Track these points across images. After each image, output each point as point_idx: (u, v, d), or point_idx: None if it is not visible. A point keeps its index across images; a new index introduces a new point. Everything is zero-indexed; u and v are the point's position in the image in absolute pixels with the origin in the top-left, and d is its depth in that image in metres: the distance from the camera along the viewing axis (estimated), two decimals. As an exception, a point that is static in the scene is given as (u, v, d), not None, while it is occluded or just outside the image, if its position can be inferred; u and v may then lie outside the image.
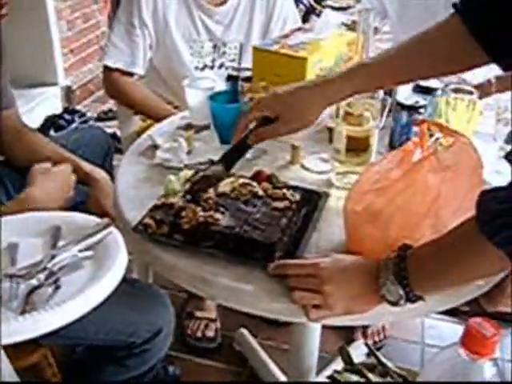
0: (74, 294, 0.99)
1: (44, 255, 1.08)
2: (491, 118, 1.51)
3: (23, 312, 0.97)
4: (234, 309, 1.10)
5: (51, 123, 3.43)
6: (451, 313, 2.17)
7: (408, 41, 1.17)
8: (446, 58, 1.14)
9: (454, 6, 1.13)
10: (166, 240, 1.14)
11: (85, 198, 1.63)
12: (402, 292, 0.96)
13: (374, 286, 0.99)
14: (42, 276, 1.04)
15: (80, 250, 1.10)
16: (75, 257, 1.09)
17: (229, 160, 1.24)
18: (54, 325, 0.96)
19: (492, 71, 1.58)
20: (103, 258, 1.09)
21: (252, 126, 1.26)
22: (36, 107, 3.57)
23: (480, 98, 1.51)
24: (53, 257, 1.07)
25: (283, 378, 1.88)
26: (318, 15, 4.65)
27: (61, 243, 1.14)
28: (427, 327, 2.26)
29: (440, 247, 0.96)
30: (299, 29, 1.71)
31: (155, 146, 1.50)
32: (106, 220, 1.18)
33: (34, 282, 1.03)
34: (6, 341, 0.92)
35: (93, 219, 1.20)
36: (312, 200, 1.27)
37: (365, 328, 2.12)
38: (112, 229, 1.15)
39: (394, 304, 0.98)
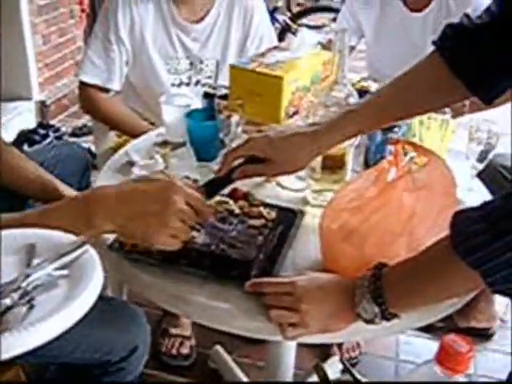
0: (48, 314, 0.98)
1: (18, 274, 1.07)
2: (464, 137, 1.54)
3: (-4, 332, 0.96)
4: (209, 326, 1.10)
5: (25, 138, 3.41)
6: (425, 329, 2.19)
7: (390, 82, 1.20)
8: (430, 95, 1.18)
9: (434, 43, 1.16)
10: (141, 258, 1.13)
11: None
12: (377, 310, 0.97)
13: (350, 303, 0.99)
14: (15, 295, 1.02)
15: (55, 269, 1.09)
16: (50, 276, 1.08)
17: (210, 189, 1.24)
18: (28, 345, 0.95)
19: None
20: (79, 276, 1.08)
21: (238, 162, 1.26)
22: (10, 121, 3.54)
23: (453, 117, 1.54)
24: (27, 276, 1.06)
25: (258, 396, 1.88)
26: (294, 33, 4.69)
27: (35, 261, 1.13)
28: (402, 343, 2.27)
29: (415, 266, 0.97)
30: (275, 47, 1.73)
31: (131, 163, 1.50)
32: (81, 238, 1.17)
33: (8, 301, 1.01)
34: (-23, 362, 0.91)
35: (68, 237, 1.19)
36: (288, 218, 1.28)
37: (340, 344, 2.13)
38: (87, 247, 1.14)
39: (370, 322, 0.99)
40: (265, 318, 1.03)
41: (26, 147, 3.20)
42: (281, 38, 4.24)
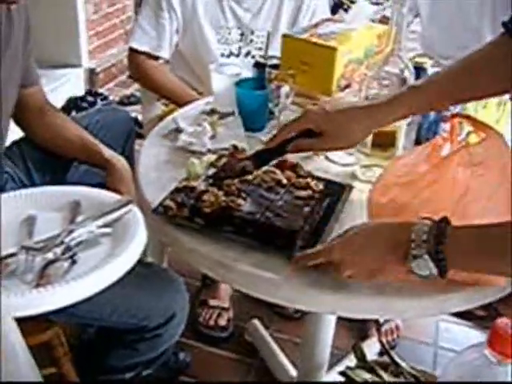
0: (89, 270, 0.98)
1: (62, 229, 1.07)
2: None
3: (37, 285, 0.96)
4: (246, 299, 1.09)
5: (73, 105, 3.44)
6: (467, 317, 2.15)
7: (457, 62, 1.16)
8: (497, 79, 1.12)
9: (504, 24, 1.11)
10: (186, 223, 1.12)
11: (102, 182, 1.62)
12: (432, 266, 0.92)
13: (403, 251, 0.94)
14: (58, 250, 1.03)
15: (98, 227, 1.09)
16: (93, 233, 1.08)
17: (261, 159, 1.22)
18: (68, 300, 0.95)
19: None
20: (122, 235, 1.08)
21: (291, 134, 1.24)
22: (59, 88, 3.57)
23: (511, 99, 1.49)
24: (70, 232, 1.06)
25: (293, 372, 1.87)
26: (346, 10, 4.62)
27: (79, 218, 1.13)
28: (441, 330, 2.23)
29: (489, 231, 0.92)
30: (329, 19, 1.69)
31: (178, 130, 1.49)
32: (126, 197, 1.17)
33: (50, 255, 1.02)
34: (19, 314, 0.92)
35: (113, 196, 1.19)
36: (335, 191, 1.26)
37: (378, 326, 2.10)
38: (132, 207, 1.13)
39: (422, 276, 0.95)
40: (307, 289, 1.02)
41: (73, 114, 3.22)
42: (333, 13, 4.17)
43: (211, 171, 1.23)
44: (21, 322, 1.11)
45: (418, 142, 1.48)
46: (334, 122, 1.19)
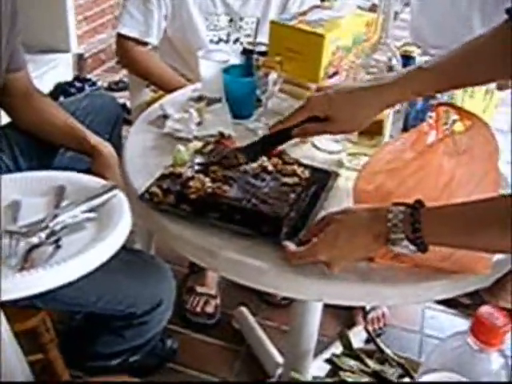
0: (74, 254, 0.97)
1: (46, 214, 1.07)
2: (504, 113, 1.49)
3: (22, 269, 0.96)
4: (234, 286, 1.09)
5: (61, 90, 3.41)
6: (452, 305, 2.16)
7: (464, 45, 1.15)
8: (503, 64, 1.12)
9: (508, 11, 1.11)
10: (172, 209, 1.12)
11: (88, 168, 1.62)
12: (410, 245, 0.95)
13: (384, 232, 0.97)
14: (42, 235, 1.03)
15: (83, 211, 1.09)
16: (78, 217, 1.08)
17: (253, 151, 1.22)
18: (52, 283, 0.95)
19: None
20: (106, 220, 1.07)
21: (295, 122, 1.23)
22: (47, 73, 3.54)
23: (499, 88, 1.49)
24: (55, 216, 1.06)
25: (280, 359, 1.88)
26: (336, -3, 4.62)
27: (64, 203, 1.12)
28: (427, 317, 2.25)
29: (463, 208, 0.94)
30: (318, 6, 1.68)
31: (165, 116, 1.49)
32: (111, 182, 1.16)
33: (35, 240, 1.01)
34: (3, 297, 0.91)
35: (98, 181, 1.19)
36: (321, 179, 1.26)
37: (365, 314, 2.11)
38: (117, 191, 1.13)
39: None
40: (293, 276, 1.02)
41: (61, 99, 3.20)
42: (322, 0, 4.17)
43: (198, 158, 1.22)
44: (7, 308, 1.11)
45: (405, 130, 1.48)
46: (339, 106, 1.19)
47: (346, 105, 1.19)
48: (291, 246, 1.05)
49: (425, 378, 0.85)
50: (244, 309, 2.10)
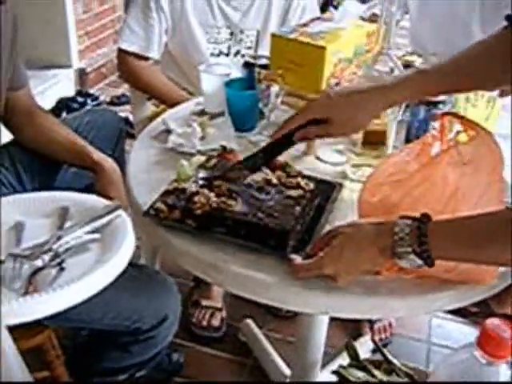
0: (78, 277, 0.97)
1: (50, 236, 1.07)
2: (506, 119, 1.48)
3: (25, 293, 0.96)
4: (239, 299, 1.09)
5: (64, 105, 3.43)
6: (460, 313, 2.15)
7: (466, 51, 1.16)
8: (503, 70, 1.12)
9: (508, 18, 1.11)
10: (177, 225, 1.12)
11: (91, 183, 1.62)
12: (418, 260, 0.95)
13: (389, 246, 0.97)
14: (46, 257, 1.02)
15: (87, 232, 1.09)
16: (81, 239, 1.08)
17: (269, 153, 1.22)
18: (56, 307, 0.95)
19: None
20: (110, 241, 1.07)
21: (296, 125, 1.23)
22: (49, 89, 3.56)
23: (501, 95, 1.49)
24: (59, 238, 1.06)
25: (287, 371, 1.87)
26: (336, 7, 4.61)
27: (68, 224, 1.12)
28: (435, 326, 2.24)
29: (469, 222, 0.94)
30: (318, 18, 1.69)
31: (168, 131, 1.49)
32: (115, 203, 1.16)
33: (38, 262, 1.01)
34: (7, 322, 0.91)
35: (102, 201, 1.19)
36: (326, 190, 1.26)
37: (371, 324, 2.10)
38: (120, 212, 1.13)
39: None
40: (299, 290, 1.02)
41: (64, 114, 3.22)
42: (323, 10, 4.16)
43: (201, 173, 1.22)
44: (12, 326, 1.11)
45: (408, 141, 1.48)
46: (339, 108, 1.19)
47: (345, 107, 1.19)
48: (297, 259, 1.04)
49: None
50: (250, 321, 2.10)
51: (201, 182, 1.18)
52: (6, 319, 0.89)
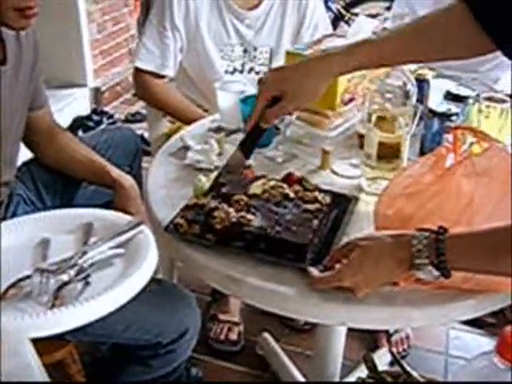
0: (103, 291, 1.00)
1: (75, 251, 1.09)
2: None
3: (52, 307, 0.98)
4: (256, 313, 1.11)
5: (80, 124, 3.47)
6: (477, 324, 2.15)
7: (413, 22, 1.18)
8: (451, 43, 1.15)
9: None
10: (197, 240, 1.14)
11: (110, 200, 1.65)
12: (435, 272, 0.97)
13: (407, 259, 0.98)
14: (72, 272, 1.05)
15: (111, 248, 1.11)
16: (106, 254, 1.10)
17: (246, 147, 1.25)
18: (82, 320, 0.97)
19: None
20: (134, 256, 1.10)
21: (262, 109, 1.26)
22: (65, 108, 3.60)
23: (512, 106, 1.50)
24: (84, 253, 1.08)
25: (306, 384, 1.88)
26: (347, 22, 4.65)
27: (92, 240, 1.15)
28: (452, 338, 2.23)
29: (485, 234, 0.96)
30: (331, 35, 1.72)
31: (186, 148, 1.51)
32: (137, 218, 1.19)
33: (65, 277, 1.04)
34: (35, 334, 0.93)
35: (125, 217, 1.21)
36: (342, 204, 1.27)
37: (389, 336, 2.11)
38: (143, 227, 1.16)
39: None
40: (318, 302, 1.03)
41: (80, 133, 3.25)
42: (334, 26, 4.19)
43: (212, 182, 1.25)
44: (35, 340, 1.13)
45: (422, 153, 1.50)
46: (290, 79, 1.22)
47: (296, 78, 1.21)
48: (315, 271, 1.06)
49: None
50: (267, 335, 2.10)
51: (219, 198, 1.20)
52: (34, 332, 0.92)
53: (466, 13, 1.09)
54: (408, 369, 1.22)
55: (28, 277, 1.04)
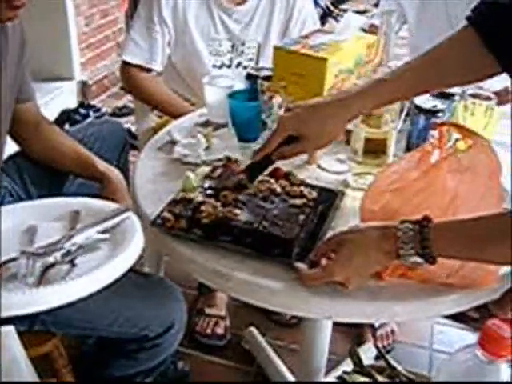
0: (88, 271, 1.00)
1: (62, 236, 1.10)
2: (506, 126, 1.51)
3: (38, 286, 0.99)
4: (243, 307, 1.11)
5: (66, 117, 3.46)
6: (460, 319, 2.17)
7: (423, 54, 1.19)
8: (459, 70, 1.16)
9: (468, 18, 1.14)
10: (184, 234, 1.15)
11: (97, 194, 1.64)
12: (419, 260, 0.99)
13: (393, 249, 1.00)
14: (58, 255, 1.06)
15: (98, 232, 1.12)
16: (92, 238, 1.11)
17: (252, 172, 1.25)
18: (67, 298, 0.98)
19: (509, 80, 1.58)
20: (120, 240, 1.10)
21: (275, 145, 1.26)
22: (51, 101, 3.59)
23: (498, 104, 1.52)
24: (70, 237, 1.09)
25: (291, 378, 1.89)
26: (335, 18, 4.66)
27: (79, 226, 1.15)
28: (436, 333, 2.25)
29: (470, 223, 0.97)
30: (319, 30, 1.72)
31: (173, 142, 1.52)
32: (123, 205, 1.19)
33: (51, 259, 1.05)
34: (19, 312, 0.93)
35: (111, 205, 1.22)
36: (328, 199, 1.28)
37: (374, 331, 2.12)
38: (130, 213, 1.16)
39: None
40: (305, 296, 1.04)
41: (67, 126, 3.24)
42: (322, 22, 4.19)
43: (207, 183, 1.25)
44: (21, 334, 1.13)
45: (408, 149, 1.51)
46: (308, 123, 1.22)
47: (312, 120, 1.22)
48: (304, 268, 1.07)
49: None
50: (253, 329, 2.11)
51: (208, 192, 1.20)
52: (20, 309, 0.92)
53: (474, 37, 1.11)
54: (393, 363, 1.23)
55: (14, 259, 1.05)
